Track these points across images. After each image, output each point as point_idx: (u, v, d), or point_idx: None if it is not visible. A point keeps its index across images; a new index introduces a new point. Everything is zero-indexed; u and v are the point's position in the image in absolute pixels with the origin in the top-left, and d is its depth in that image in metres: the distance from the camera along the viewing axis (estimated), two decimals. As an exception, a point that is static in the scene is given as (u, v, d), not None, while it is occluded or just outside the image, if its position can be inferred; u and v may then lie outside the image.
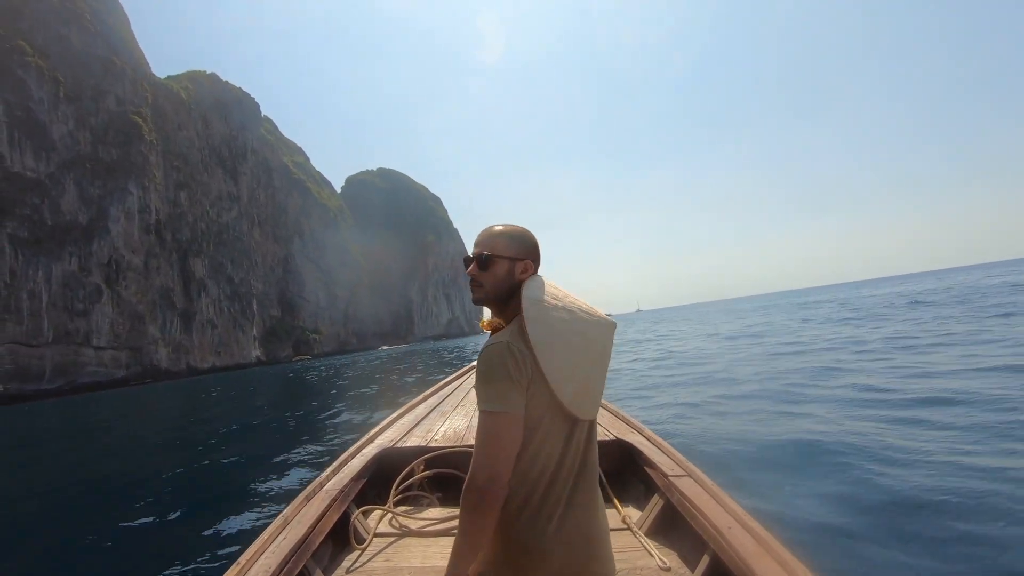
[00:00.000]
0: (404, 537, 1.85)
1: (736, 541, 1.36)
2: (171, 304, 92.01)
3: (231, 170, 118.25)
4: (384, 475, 2.26)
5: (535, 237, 1.20)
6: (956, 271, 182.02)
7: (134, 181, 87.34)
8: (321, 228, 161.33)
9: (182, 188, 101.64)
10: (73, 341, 73.67)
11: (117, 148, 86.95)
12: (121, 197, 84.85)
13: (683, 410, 6.76)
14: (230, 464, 6.74)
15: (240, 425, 11.53)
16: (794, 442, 4.73)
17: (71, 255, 76.16)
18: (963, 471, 3.58)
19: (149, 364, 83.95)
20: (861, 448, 4.28)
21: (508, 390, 1.00)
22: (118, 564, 3.36)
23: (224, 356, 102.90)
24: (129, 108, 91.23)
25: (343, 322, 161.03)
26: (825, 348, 11.30)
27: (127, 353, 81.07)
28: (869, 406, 5.80)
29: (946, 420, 4.85)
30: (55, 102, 79.17)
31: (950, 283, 45.23)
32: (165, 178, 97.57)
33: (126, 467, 7.61)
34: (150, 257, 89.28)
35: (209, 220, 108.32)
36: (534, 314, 1.05)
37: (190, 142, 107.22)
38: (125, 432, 13.91)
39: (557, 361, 1.02)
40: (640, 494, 2.11)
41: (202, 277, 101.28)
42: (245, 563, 1.35)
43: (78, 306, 75.32)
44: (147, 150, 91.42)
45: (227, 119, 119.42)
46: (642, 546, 1.69)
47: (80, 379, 72.51)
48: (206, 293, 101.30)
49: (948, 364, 7.57)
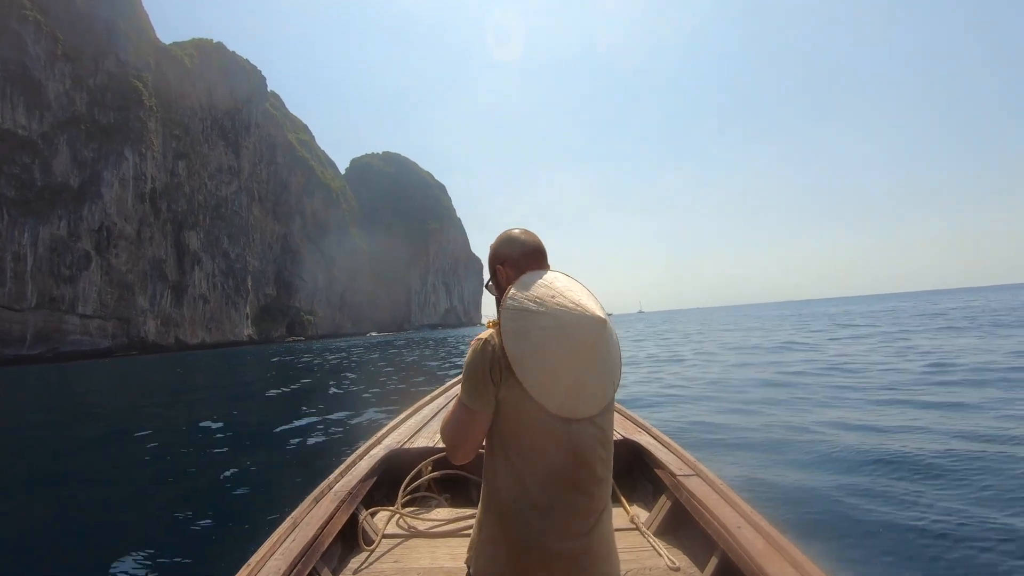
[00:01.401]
0: (412, 538, 1.86)
1: (746, 540, 1.36)
2: (163, 276, 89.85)
3: (233, 143, 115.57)
4: (392, 476, 2.26)
5: (511, 234, 1.24)
6: (985, 290, 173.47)
7: (130, 147, 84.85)
8: (323, 208, 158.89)
9: (181, 158, 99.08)
10: (58, 308, 71.61)
11: (115, 111, 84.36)
12: (116, 162, 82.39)
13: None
14: (229, 454, 6.17)
15: (239, 409, 10.44)
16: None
17: (60, 218, 73.87)
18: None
19: (136, 336, 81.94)
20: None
21: (482, 390, 1.06)
22: (116, 562, 3.19)
23: (215, 332, 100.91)
24: (130, 72, 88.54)
25: (339, 305, 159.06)
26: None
27: (114, 323, 79.05)
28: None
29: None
30: (52, 59, 76.50)
31: (981, 302, 42.93)
32: (164, 146, 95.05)
33: (119, 453, 6.87)
34: (143, 226, 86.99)
35: (207, 192, 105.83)
36: (510, 326, 1.06)
37: (192, 111, 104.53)
38: (119, 408, 12.81)
39: (534, 371, 1.02)
40: (648, 494, 2.13)
41: (196, 250, 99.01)
42: (255, 564, 1.37)
43: (64, 272, 73.15)
44: (146, 116, 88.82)
45: (232, 91, 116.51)
46: (651, 546, 1.69)
47: (63, 347, 70.51)
48: (200, 267, 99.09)
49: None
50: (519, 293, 1.10)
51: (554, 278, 1.13)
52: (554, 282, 1.12)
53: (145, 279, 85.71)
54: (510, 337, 1.04)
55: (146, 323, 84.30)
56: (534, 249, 1.22)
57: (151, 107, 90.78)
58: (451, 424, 1.13)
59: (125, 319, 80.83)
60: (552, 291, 1.09)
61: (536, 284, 1.11)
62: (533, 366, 1.01)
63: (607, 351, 1.07)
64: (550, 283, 1.11)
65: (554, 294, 1.08)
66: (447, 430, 1.14)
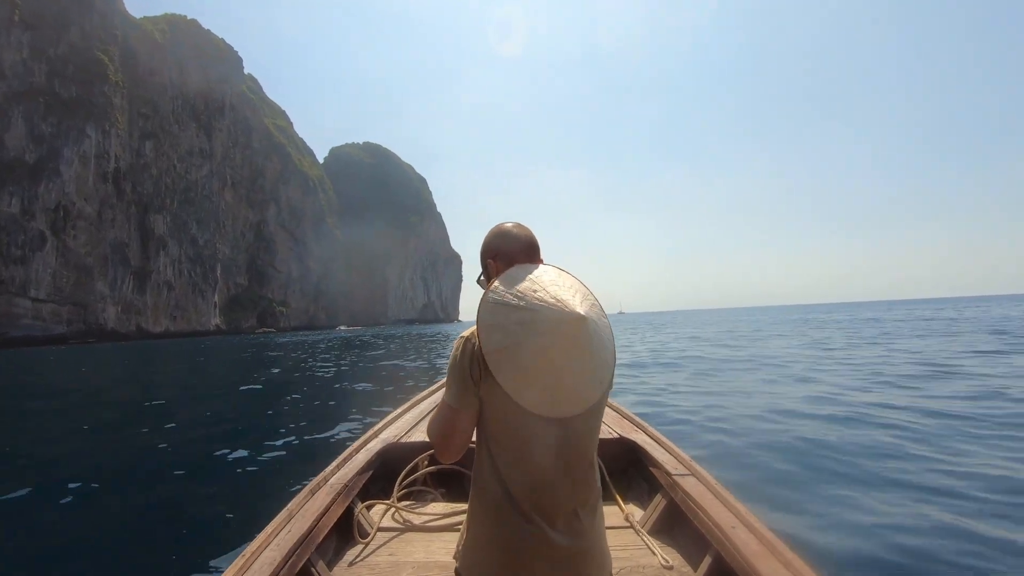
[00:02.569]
0: (407, 532, 1.88)
1: (739, 540, 1.37)
2: (125, 260, 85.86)
3: (205, 125, 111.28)
4: (388, 470, 2.28)
5: (503, 228, 1.23)
6: (968, 300, 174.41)
7: (93, 123, 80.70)
8: (299, 197, 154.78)
9: (148, 138, 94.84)
10: (7, 290, 67.56)
11: (77, 85, 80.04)
12: (77, 139, 78.24)
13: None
14: (218, 442, 5.75)
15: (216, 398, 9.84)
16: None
17: (12, 195, 69.69)
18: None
19: (94, 322, 78.11)
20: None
21: (463, 389, 1.05)
22: (114, 561, 3.14)
23: (180, 321, 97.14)
24: (95, 44, 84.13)
25: (314, 296, 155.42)
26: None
27: (69, 308, 75.12)
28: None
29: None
30: (7, 26, 72.03)
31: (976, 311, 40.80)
32: (130, 125, 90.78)
33: (95, 443, 6.35)
34: (105, 207, 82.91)
35: (176, 175, 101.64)
36: (487, 320, 1.03)
37: (162, 89, 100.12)
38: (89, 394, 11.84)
39: (508, 367, 0.99)
40: (643, 492, 2.14)
41: (162, 235, 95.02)
42: (251, 555, 1.37)
43: (15, 252, 69.07)
44: (111, 92, 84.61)
45: (205, 70, 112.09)
46: (645, 544, 1.70)
47: (12, 332, 66.57)
48: (165, 252, 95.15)
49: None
50: (501, 286, 1.06)
51: (542, 272, 1.10)
52: (541, 276, 1.08)
53: (105, 263, 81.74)
54: (486, 331, 1.02)
55: (105, 309, 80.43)
56: (526, 243, 1.20)
57: (117, 82, 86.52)
58: (436, 423, 1.12)
59: (82, 304, 76.92)
60: (536, 285, 1.05)
61: (521, 277, 1.07)
62: (507, 362, 0.99)
63: (589, 349, 1.01)
64: (536, 277, 1.07)
65: (536, 288, 1.04)
66: (432, 429, 1.13)
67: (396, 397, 7.80)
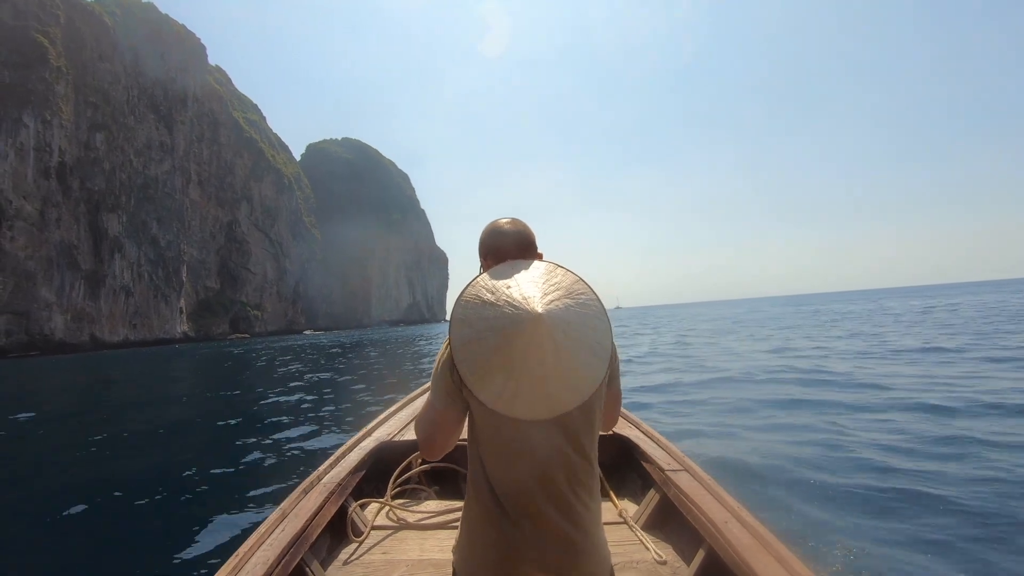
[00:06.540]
0: (401, 530, 1.88)
1: (732, 536, 1.38)
2: (74, 264, 77.80)
3: (165, 117, 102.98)
4: (382, 468, 2.26)
5: (496, 224, 1.19)
6: (931, 288, 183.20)
7: (32, 112, 72.58)
8: (274, 194, 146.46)
9: (99, 129, 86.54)
10: (-70, 299, 59.67)
11: (11, 70, 71.80)
12: (12, 129, 70.10)
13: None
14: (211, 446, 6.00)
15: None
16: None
17: (-67, 193, 61.65)
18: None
19: (38, 333, 70.22)
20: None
21: (444, 389, 1.03)
22: (112, 561, 3.16)
23: (141, 329, 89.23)
24: (32, 24, 75.82)
25: (291, 299, 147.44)
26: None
27: (8, 318, 67.19)
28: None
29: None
30: (-78, 0, 63.74)
31: (945, 300, 40.88)
32: (77, 115, 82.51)
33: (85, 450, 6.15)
34: (48, 206, 74.78)
35: (132, 171, 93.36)
36: (458, 315, 0.99)
37: (114, 77, 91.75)
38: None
39: (469, 363, 0.95)
40: (637, 488, 2.14)
41: (117, 235, 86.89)
42: (244, 555, 1.37)
43: (-62, 256, 61.13)
44: (53, 78, 76.39)
45: (164, 57, 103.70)
46: (638, 540, 1.72)
47: (-63, 346, 58.78)
48: (121, 254, 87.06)
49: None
50: (480, 282, 1.02)
51: (526, 268, 1.04)
52: (523, 272, 1.03)
53: (50, 267, 73.71)
54: (454, 325, 0.98)
55: (51, 318, 72.54)
56: (518, 239, 1.15)
57: (60, 68, 78.26)
58: (420, 422, 1.12)
59: (23, 313, 69.00)
60: (512, 282, 0.99)
61: (506, 274, 1.02)
62: (469, 358, 0.95)
63: (552, 350, 0.92)
64: (519, 274, 1.02)
65: (511, 284, 0.98)
66: (418, 427, 1.13)
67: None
